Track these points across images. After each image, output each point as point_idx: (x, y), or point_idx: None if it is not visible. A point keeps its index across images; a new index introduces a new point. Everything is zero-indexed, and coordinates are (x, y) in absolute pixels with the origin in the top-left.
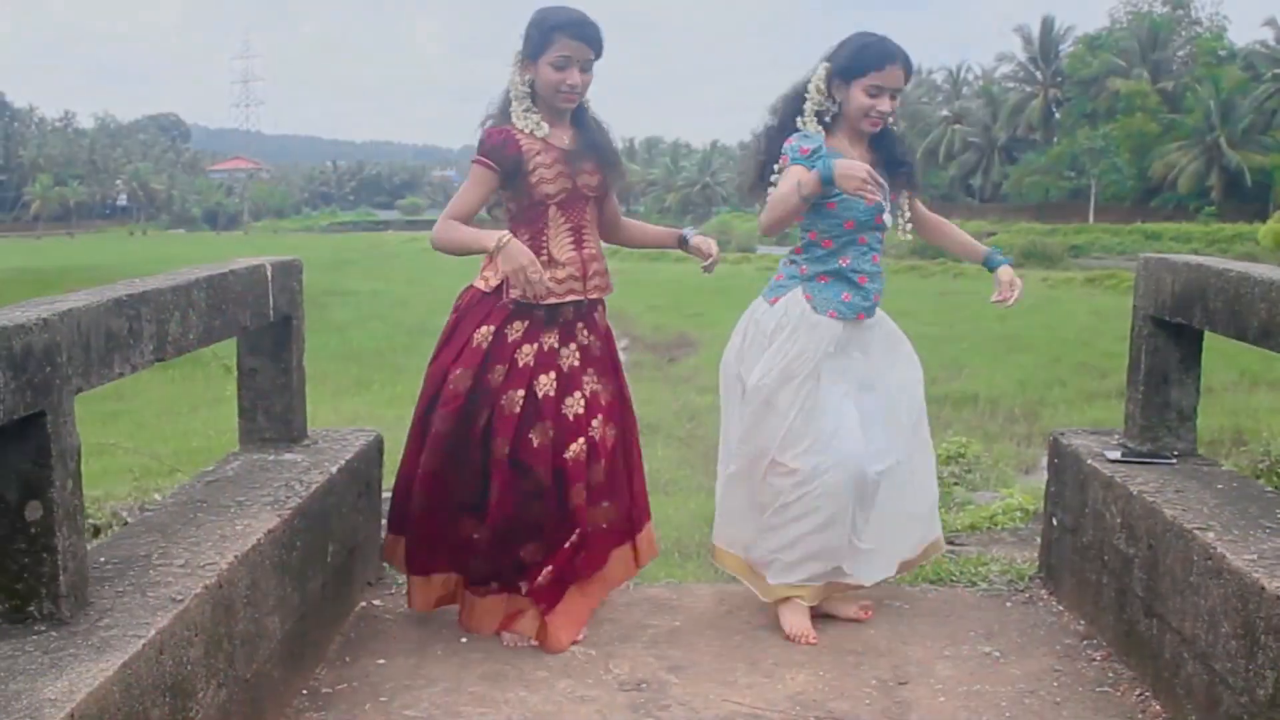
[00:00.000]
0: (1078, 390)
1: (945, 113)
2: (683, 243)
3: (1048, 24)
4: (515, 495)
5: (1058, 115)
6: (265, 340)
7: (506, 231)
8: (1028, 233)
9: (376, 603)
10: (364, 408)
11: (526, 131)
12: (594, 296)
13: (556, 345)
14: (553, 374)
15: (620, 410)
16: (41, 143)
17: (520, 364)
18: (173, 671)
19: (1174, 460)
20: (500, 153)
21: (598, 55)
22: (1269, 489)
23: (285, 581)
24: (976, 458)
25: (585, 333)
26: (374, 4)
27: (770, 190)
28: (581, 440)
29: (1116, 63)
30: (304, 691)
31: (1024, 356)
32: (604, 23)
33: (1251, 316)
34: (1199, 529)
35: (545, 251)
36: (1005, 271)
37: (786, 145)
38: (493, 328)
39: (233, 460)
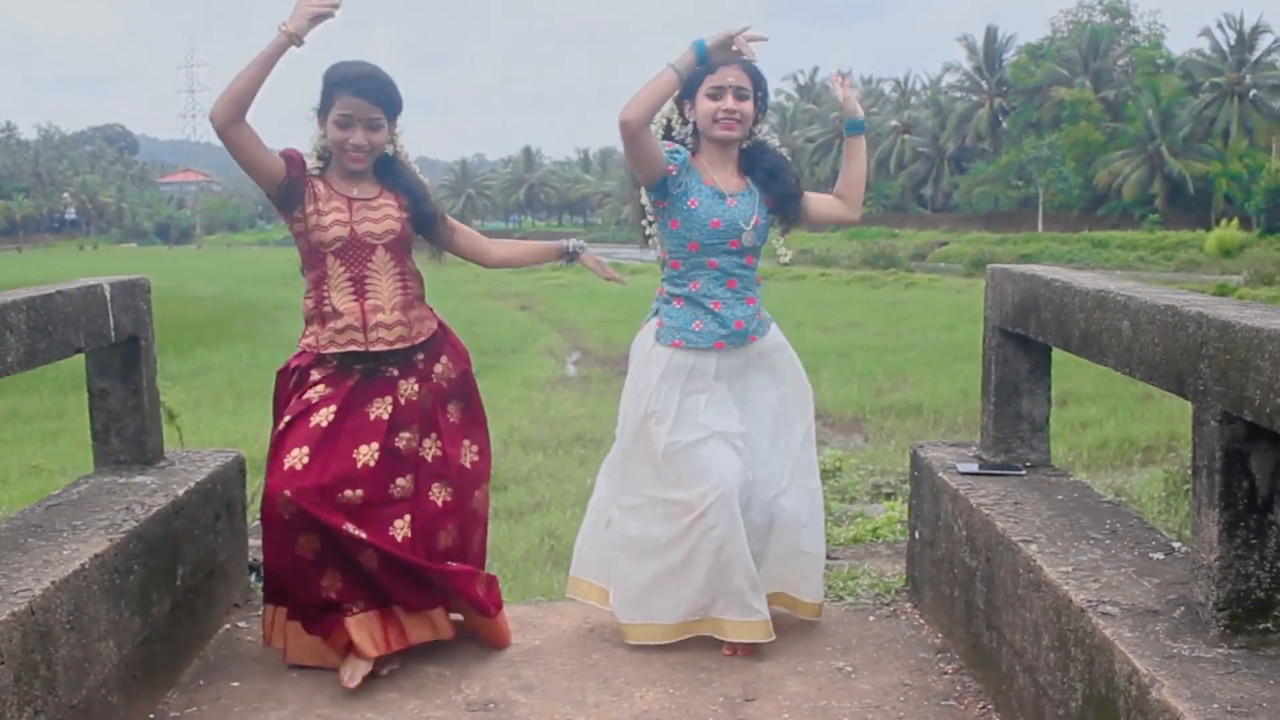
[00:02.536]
0: None
1: (894, 123)
2: (569, 257)
3: (991, 33)
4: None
5: (1004, 124)
6: (114, 361)
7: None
8: (978, 242)
9: (242, 625)
10: None
11: (313, 174)
12: (378, 349)
13: (361, 397)
14: (361, 423)
15: (448, 468)
16: None
17: (312, 399)
18: None
19: (1024, 471)
20: (291, 161)
21: (391, 112)
22: (1108, 499)
23: (121, 606)
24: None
25: (407, 385)
26: None
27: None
28: (404, 511)
29: (1059, 72)
30: (151, 716)
31: (968, 365)
32: (556, 34)
33: (1073, 326)
34: (1024, 541)
35: (328, 301)
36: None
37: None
38: (295, 376)
39: (82, 483)
